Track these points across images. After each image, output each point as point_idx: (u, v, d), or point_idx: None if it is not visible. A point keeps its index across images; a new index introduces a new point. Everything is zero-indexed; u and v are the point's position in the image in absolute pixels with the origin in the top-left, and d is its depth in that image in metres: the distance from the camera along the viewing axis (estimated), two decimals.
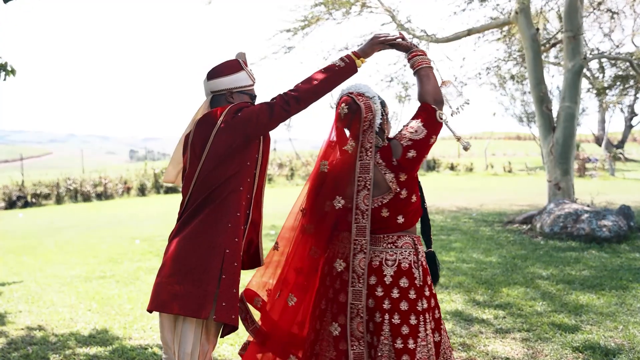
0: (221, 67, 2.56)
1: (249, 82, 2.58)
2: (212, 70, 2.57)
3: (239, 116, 2.40)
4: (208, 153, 2.42)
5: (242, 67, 2.57)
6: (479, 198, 14.45)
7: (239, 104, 2.46)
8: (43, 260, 7.94)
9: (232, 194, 2.39)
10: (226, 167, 2.39)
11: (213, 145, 2.41)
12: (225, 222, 2.37)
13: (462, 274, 5.97)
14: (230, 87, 2.53)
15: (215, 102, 2.57)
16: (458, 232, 8.86)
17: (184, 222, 2.43)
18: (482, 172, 26.17)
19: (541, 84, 9.97)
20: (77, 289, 5.95)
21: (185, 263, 2.35)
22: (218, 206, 2.38)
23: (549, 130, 9.79)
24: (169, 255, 2.42)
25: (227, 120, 2.41)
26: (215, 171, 2.39)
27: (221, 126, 2.40)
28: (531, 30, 9.89)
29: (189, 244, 2.37)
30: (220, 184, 2.39)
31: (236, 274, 2.38)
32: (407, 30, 11.36)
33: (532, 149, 44.82)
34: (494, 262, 6.56)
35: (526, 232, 8.66)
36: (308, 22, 11.18)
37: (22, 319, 4.84)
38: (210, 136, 2.42)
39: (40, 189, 18.75)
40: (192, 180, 2.45)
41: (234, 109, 2.43)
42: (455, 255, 6.98)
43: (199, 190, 2.43)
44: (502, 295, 5.13)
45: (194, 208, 2.41)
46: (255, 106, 2.44)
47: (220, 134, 2.40)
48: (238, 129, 2.38)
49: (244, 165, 2.41)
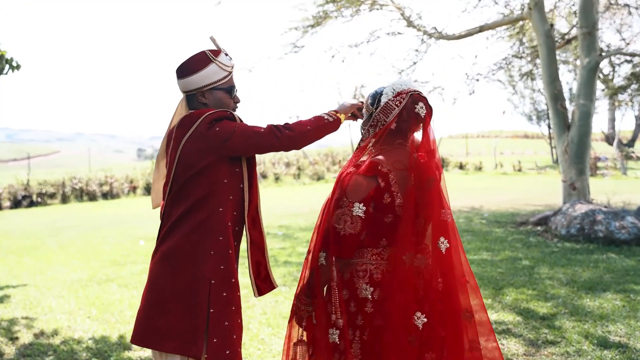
0: (188, 63, 2.25)
1: (220, 75, 2.25)
2: (180, 67, 2.27)
3: (215, 130, 2.12)
4: (177, 162, 2.19)
5: (211, 58, 2.23)
6: (490, 198, 14.17)
7: (218, 113, 2.16)
8: (44, 261, 7.76)
9: (212, 216, 2.12)
10: (198, 182, 2.13)
11: (182, 154, 2.17)
12: (207, 250, 2.10)
13: (478, 278, 5.72)
14: (199, 87, 2.23)
15: (190, 102, 2.30)
16: (470, 233, 8.60)
17: (162, 241, 2.19)
18: (492, 171, 25.83)
19: (555, 81, 9.69)
20: (77, 293, 5.74)
21: (165, 293, 2.12)
22: (197, 229, 2.11)
23: (563, 128, 9.51)
24: (148, 280, 2.19)
25: (200, 130, 2.14)
26: (187, 186, 2.15)
27: (192, 134, 2.15)
28: (545, 26, 9.60)
29: (167, 269, 2.13)
30: (195, 203, 2.12)
31: (228, 305, 2.11)
32: (418, 28, 11.12)
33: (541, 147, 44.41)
34: (509, 266, 6.30)
35: (541, 233, 8.39)
36: (316, 21, 10.96)
37: (18, 327, 4.64)
38: (179, 146, 2.19)
39: (45, 188, 18.61)
40: (167, 191, 2.23)
41: (210, 118, 2.14)
42: (469, 259, 6.73)
43: (172, 204, 2.19)
44: (521, 301, 4.88)
45: (170, 227, 2.17)
46: (236, 125, 2.15)
47: (190, 143, 2.15)
48: (211, 144, 2.11)
49: (219, 183, 2.14)
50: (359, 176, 2.11)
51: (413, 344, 2.05)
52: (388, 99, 2.20)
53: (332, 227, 2.09)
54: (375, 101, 2.26)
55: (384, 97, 2.22)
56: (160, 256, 2.16)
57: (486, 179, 21.88)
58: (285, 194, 17.97)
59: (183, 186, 2.16)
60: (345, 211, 2.08)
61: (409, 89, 2.21)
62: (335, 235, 2.09)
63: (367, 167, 2.12)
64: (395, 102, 2.18)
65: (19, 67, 6.09)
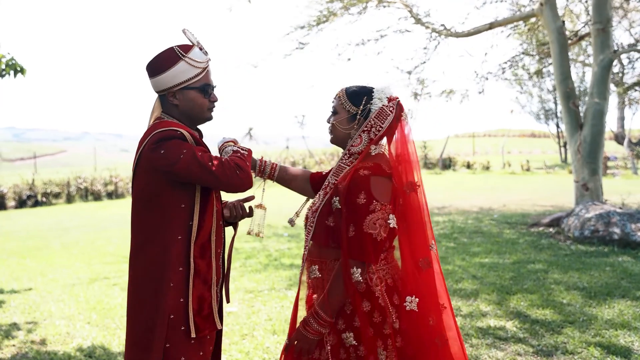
0: (155, 60, 2.04)
1: (191, 73, 2.03)
2: (148, 65, 2.07)
3: (160, 153, 1.90)
4: (132, 184, 2.03)
5: (179, 55, 2.01)
6: (499, 198, 13.96)
7: (165, 132, 1.93)
8: (46, 263, 7.63)
9: (171, 245, 1.95)
10: (151, 209, 1.96)
11: (135, 176, 2.01)
12: (166, 280, 1.94)
13: (489, 283, 5.53)
14: (169, 86, 2.03)
15: (162, 103, 2.11)
16: (480, 235, 8.41)
17: (130, 264, 2.04)
18: (500, 170, 25.60)
19: (568, 79, 9.47)
20: (78, 297, 5.59)
21: (130, 326, 2.01)
22: (156, 260, 1.95)
23: (575, 127, 9.29)
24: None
25: (146, 151, 1.94)
26: (142, 212, 1.99)
27: (141, 155, 1.95)
28: (557, 22, 9.39)
29: (132, 300, 2.01)
30: (152, 231, 1.96)
31: (185, 342, 1.96)
32: (426, 25, 10.92)
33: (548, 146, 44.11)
34: (523, 269, 6.10)
35: (553, 235, 8.18)
36: (323, 18, 10.78)
37: (15, 332, 4.49)
38: (135, 163, 2.02)
39: (50, 188, 18.54)
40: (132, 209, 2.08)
41: (155, 138, 1.93)
42: (479, 261, 6.54)
43: (134, 227, 2.03)
44: (537, 308, 4.69)
45: (133, 252, 2.02)
46: (185, 149, 1.91)
47: (141, 164, 1.97)
48: (156, 167, 1.92)
49: (175, 208, 1.95)
50: (379, 177, 2.02)
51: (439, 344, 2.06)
52: (383, 104, 2.12)
53: (367, 234, 1.96)
54: (360, 102, 2.14)
55: (377, 102, 2.12)
56: (129, 283, 2.04)
57: (494, 178, 21.65)
58: (291, 193, 17.79)
59: (139, 211, 2.00)
60: (379, 215, 1.97)
61: (395, 95, 2.17)
62: (373, 243, 1.97)
63: (379, 168, 2.04)
64: (389, 108, 2.12)
65: (23, 71, 6.00)
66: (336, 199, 2.03)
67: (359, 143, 2.10)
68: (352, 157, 2.11)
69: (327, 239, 2.06)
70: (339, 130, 2.16)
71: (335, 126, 2.17)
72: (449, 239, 8.12)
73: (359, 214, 1.96)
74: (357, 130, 2.13)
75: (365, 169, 2.02)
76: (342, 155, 2.15)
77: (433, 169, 26.13)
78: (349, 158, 2.12)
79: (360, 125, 2.13)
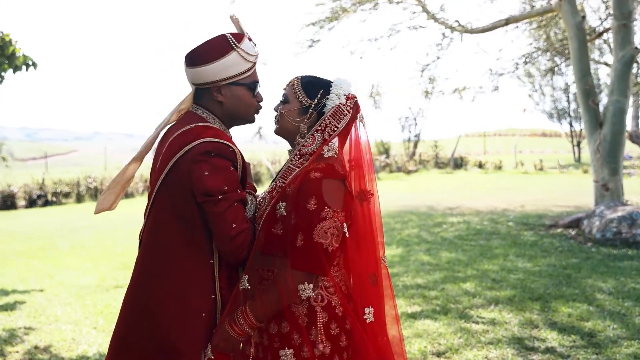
0: (203, 49, 1.82)
1: (243, 67, 1.82)
2: (192, 53, 1.84)
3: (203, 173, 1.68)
4: (158, 193, 1.80)
5: (232, 46, 1.80)
6: (513, 198, 13.68)
7: (217, 146, 1.71)
8: (54, 265, 7.49)
9: (202, 271, 1.74)
10: (180, 225, 1.74)
11: (164, 185, 1.78)
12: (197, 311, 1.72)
13: (510, 287, 5.31)
14: (215, 80, 1.81)
15: (200, 97, 1.88)
16: (497, 236, 8.17)
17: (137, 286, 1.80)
18: (512, 170, 25.24)
19: (587, 76, 9.20)
20: (85, 300, 5.44)
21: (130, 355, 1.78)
22: (182, 284, 1.72)
23: (595, 126, 9.02)
24: (120, 325, 1.84)
25: (187, 161, 1.71)
26: (167, 227, 1.76)
27: (178, 161, 1.73)
28: (576, 18, 9.12)
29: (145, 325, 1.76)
30: (177, 251, 1.74)
31: None
32: (440, 21, 10.69)
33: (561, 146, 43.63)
34: (544, 272, 5.87)
35: (573, 237, 7.92)
36: (334, 14, 10.59)
37: (19, 338, 4.33)
38: (162, 173, 1.78)
39: (60, 188, 18.48)
40: (146, 214, 1.85)
41: (204, 148, 1.70)
42: (499, 264, 6.32)
43: (149, 234, 1.81)
44: (562, 314, 4.46)
45: (148, 274, 1.78)
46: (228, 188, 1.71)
47: (174, 172, 1.74)
48: (191, 183, 1.70)
49: (206, 227, 1.74)
50: (332, 180, 1.80)
51: None
52: (340, 102, 1.92)
53: (317, 244, 1.74)
54: (315, 95, 1.92)
55: (334, 98, 1.92)
56: (139, 306, 1.78)
57: (507, 178, 21.31)
58: None
59: (162, 225, 1.77)
60: (331, 223, 1.76)
61: (353, 93, 1.97)
62: (324, 253, 1.76)
63: (332, 169, 1.83)
64: (346, 107, 1.92)
65: (35, 65, 5.90)
66: (282, 205, 1.80)
67: (311, 143, 1.89)
68: (303, 159, 1.89)
69: (274, 248, 1.82)
70: (286, 121, 1.94)
71: (283, 116, 1.94)
72: (465, 240, 7.89)
73: (309, 222, 1.75)
74: (306, 125, 1.92)
75: (316, 171, 1.80)
76: (292, 156, 1.92)
77: (444, 168, 25.85)
78: (299, 159, 1.89)
79: (312, 121, 1.92)
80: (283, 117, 1.95)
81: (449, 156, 26.65)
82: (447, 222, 9.65)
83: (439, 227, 9.20)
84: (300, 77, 1.97)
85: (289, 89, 1.96)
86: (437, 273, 5.98)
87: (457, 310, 4.67)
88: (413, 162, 25.96)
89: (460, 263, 6.41)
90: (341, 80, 1.95)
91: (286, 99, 1.96)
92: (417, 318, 4.49)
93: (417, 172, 23.76)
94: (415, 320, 4.44)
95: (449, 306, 4.77)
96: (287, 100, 1.95)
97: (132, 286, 1.81)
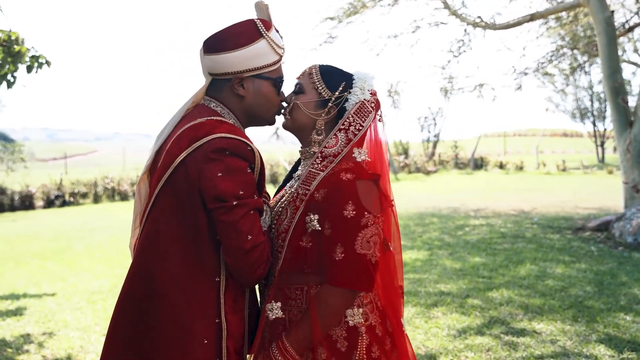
0: (227, 34, 1.57)
1: (271, 59, 1.59)
2: (213, 39, 1.59)
3: (216, 175, 1.44)
4: (158, 196, 1.56)
5: (262, 33, 1.57)
6: (537, 199, 13.31)
7: (233, 143, 1.47)
8: (68, 267, 7.37)
9: (201, 291, 1.50)
10: (183, 236, 1.51)
11: (165, 188, 1.54)
12: (198, 334, 1.48)
13: (543, 295, 5.02)
14: (239, 70, 1.56)
15: (217, 90, 1.63)
16: (523, 239, 7.86)
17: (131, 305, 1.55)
18: (534, 170, 24.74)
19: (616, 73, 8.83)
20: (96, 305, 5.28)
21: None
22: (184, 304, 1.49)
23: (625, 125, 8.66)
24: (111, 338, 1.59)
25: (197, 159, 1.47)
26: (166, 236, 1.53)
27: (188, 159, 1.48)
28: (605, 12, 8.77)
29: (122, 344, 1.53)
30: (179, 267, 1.50)
31: None
32: (462, 17, 10.40)
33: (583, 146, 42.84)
34: (575, 278, 5.57)
35: (603, 241, 7.59)
36: (353, 9, 10.36)
37: (27, 346, 4.17)
38: (167, 170, 1.53)
39: (78, 188, 18.51)
40: (142, 218, 1.62)
41: (217, 145, 1.46)
42: (528, 269, 6.02)
43: (145, 243, 1.57)
44: (607, 325, 4.18)
45: (136, 272, 1.56)
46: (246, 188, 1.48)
47: (180, 173, 1.50)
48: (201, 186, 1.46)
49: (213, 239, 1.51)
50: (366, 181, 1.58)
51: None
52: (365, 98, 1.69)
53: (361, 255, 1.51)
54: (336, 87, 1.69)
55: (358, 93, 1.68)
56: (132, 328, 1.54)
57: (529, 178, 20.87)
58: None
59: (162, 233, 1.53)
60: (373, 230, 1.54)
61: (374, 89, 1.75)
62: (370, 266, 1.54)
63: (362, 169, 1.61)
64: (370, 104, 1.70)
65: (49, 63, 5.76)
66: (314, 218, 1.56)
67: (334, 144, 1.64)
68: (327, 161, 1.64)
69: (300, 263, 1.58)
70: (302, 114, 1.68)
71: (298, 107, 1.68)
72: (490, 244, 7.60)
73: (349, 231, 1.52)
74: (323, 120, 1.67)
75: (347, 172, 1.57)
76: (313, 159, 1.65)
77: (464, 169, 25.45)
78: (322, 162, 1.64)
79: (330, 116, 1.67)
80: (298, 108, 1.69)
81: (469, 156, 26.25)
82: (469, 225, 9.35)
83: (461, 229, 8.91)
84: (318, 66, 1.72)
85: (305, 78, 1.72)
86: (464, 279, 5.71)
87: (496, 320, 4.39)
88: (432, 163, 25.61)
89: (486, 268, 6.13)
90: (363, 74, 1.71)
91: (301, 89, 1.71)
92: (456, 330, 4.23)
93: (437, 172, 23.40)
94: (455, 332, 4.17)
95: (485, 316, 4.50)
96: (302, 91, 1.70)
97: (124, 302, 1.57)
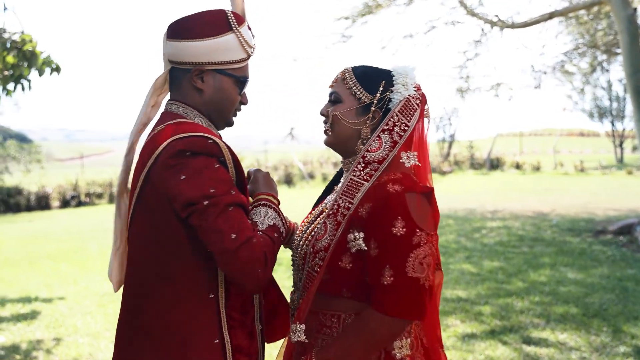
0: (194, 21, 1.46)
1: (237, 55, 1.47)
2: (178, 24, 1.47)
3: (179, 178, 1.32)
4: (134, 213, 1.45)
5: (232, 26, 1.45)
6: (555, 200, 13.06)
7: (190, 141, 1.34)
8: (81, 268, 7.33)
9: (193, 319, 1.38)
10: (168, 252, 1.38)
11: (138, 204, 1.43)
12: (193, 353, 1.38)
13: (565, 302, 4.86)
14: (200, 61, 1.44)
15: (176, 80, 1.49)
16: (542, 243, 7.67)
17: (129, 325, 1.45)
18: (551, 171, 24.39)
19: (639, 72, 8.60)
20: (107, 309, 5.21)
21: None
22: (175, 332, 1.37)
23: None
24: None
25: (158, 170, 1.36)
26: (148, 257, 1.42)
27: (151, 170, 1.37)
28: (628, 10, 8.53)
29: None
30: (165, 289, 1.39)
31: None
32: (478, 16, 10.22)
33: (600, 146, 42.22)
34: (597, 284, 5.40)
35: (625, 244, 7.38)
36: (368, 9, 10.23)
37: (36, 353, 4.10)
38: (135, 189, 1.44)
39: (93, 188, 18.59)
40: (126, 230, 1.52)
41: (174, 149, 1.34)
42: (547, 275, 5.85)
43: (138, 273, 1.45)
44: (632, 335, 4.01)
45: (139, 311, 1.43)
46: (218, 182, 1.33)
47: (149, 185, 1.38)
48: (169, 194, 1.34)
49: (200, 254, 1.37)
50: (416, 195, 1.41)
51: None
52: (409, 94, 1.51)
53: (413, 279, 1.35)
54: (377, 89, 1.52)
55: (401, 90, 1.51)
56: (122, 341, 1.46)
57: (546, 179, 20.56)
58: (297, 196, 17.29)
59: (141, 255, 1.43)
60: (426, 250, 1.38)
61: (418, 82, 1.57)
62: (423, 291, 1.38)
63: (411, 180, 1.44)
64: (416, 100, 1.52)
65: (59, 69, 5.70)
66: (359, 236, 1.40)
67: (377, 147, 1.47)
68: (370, 168, 1.46)
69: (339, 287, 1.44)
70: (343, 126, 1.51)
71: (338, 120, 1.52)
72: (507, 247, 7.42)
73: (399, 251, 1.36)
74: (369, 127, 1.50)
75: (394, 183, 1.40)
76: (354, 166, 1.48)
77: (480, 169, 25.16)
78: (364, 169, 1.46)
79: (376, 121, 1.50)
80: (338, 120, 1.53)
81: (485, 157, 25.95)
82: (486, 227, 9.17)
83: (478, 232, 8.74)
84: (351, 68, 1.56)
85: (340, 85, 1.56)
86: (482, 284, 5.56)
87: (517, 330, 4.24)
88: (448, 163, 25.35)
89: (505, 273, 5.97)
90: (402, 67, 1.55)
91: (337, 98, 1.55)
92: (475, 339, 4.08)
93: (452, 173, 23.15)
94: (474, 342, 4.03)
95: (505, 324, 4.35)
96: (340, 100, 1.54)
97: (117, 340, 1.48)
